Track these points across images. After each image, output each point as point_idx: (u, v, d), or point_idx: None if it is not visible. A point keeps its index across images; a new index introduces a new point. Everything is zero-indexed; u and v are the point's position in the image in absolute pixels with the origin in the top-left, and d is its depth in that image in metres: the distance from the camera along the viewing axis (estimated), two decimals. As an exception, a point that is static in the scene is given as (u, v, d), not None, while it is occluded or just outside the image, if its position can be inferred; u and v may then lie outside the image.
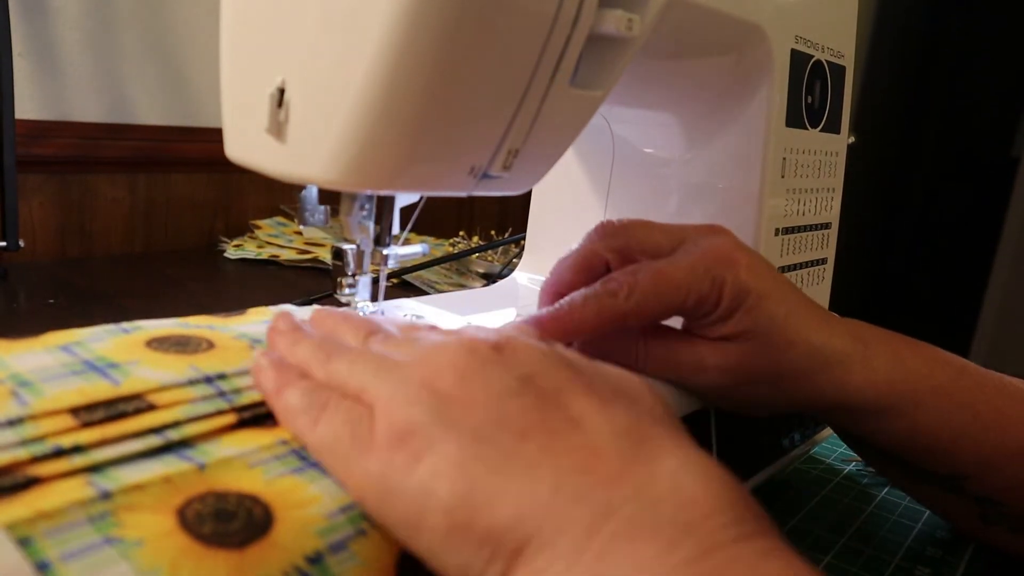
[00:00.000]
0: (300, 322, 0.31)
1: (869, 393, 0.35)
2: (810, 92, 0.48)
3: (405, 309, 0.42)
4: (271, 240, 0.92)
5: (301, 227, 0.82)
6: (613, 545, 0.21)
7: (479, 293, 0.55)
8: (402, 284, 0.80)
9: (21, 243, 0.73)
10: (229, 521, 0.22)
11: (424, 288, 0.78)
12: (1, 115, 0.70)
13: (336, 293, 0.38)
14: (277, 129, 0.29)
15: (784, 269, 0.49)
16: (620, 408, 0.25)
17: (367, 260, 0.37)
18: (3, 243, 0.72)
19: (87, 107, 0.85)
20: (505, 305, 0.50)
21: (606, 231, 0.37)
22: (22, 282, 0.73)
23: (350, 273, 0.37)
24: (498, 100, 0.29)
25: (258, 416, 0.27)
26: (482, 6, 0.26)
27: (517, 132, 0.31)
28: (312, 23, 0.28)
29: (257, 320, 0.36)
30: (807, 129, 0.48)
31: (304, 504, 0.23)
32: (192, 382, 0.28)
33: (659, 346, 0.36)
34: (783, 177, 0.46)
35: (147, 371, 0.28)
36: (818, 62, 0.48)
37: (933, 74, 3.20)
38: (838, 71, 0.50)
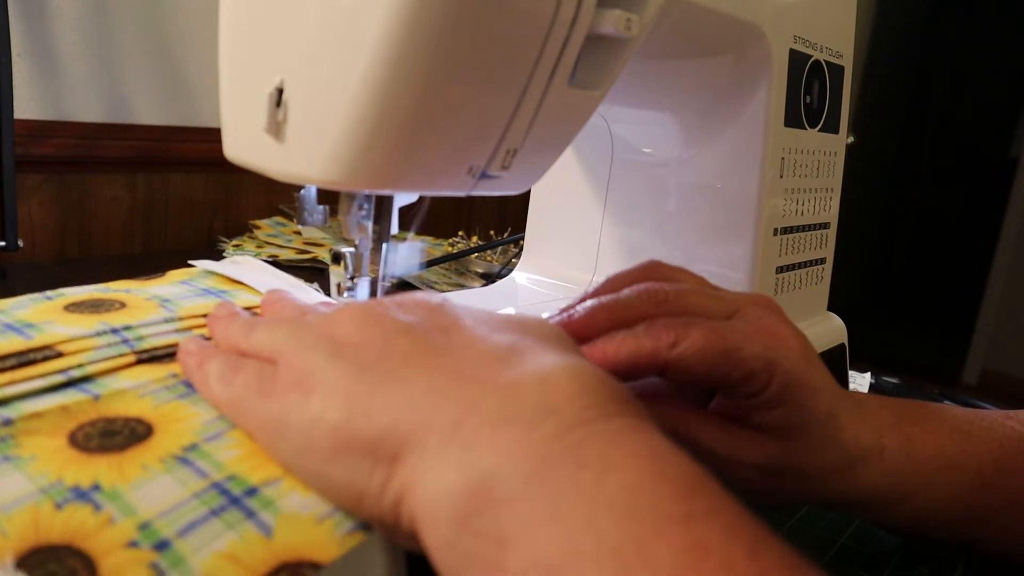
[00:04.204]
0: (238, 309, 0.33)
1: (882, 486, 0.34)
2: (809, 92, 0.48)
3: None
4: (270, 240, 0.92)
5: (300, 227, 0.82)
6: (478, 434, 0.22)
7: (478, 293, 0.55)
8: (401, 284, 0.80)
9: (20, 243, 0.73)
10: (114, 436, 0.25)
11: (422, 288, 0.78)
12: (0, 115, 0.70)
13: (335, 295, 0.38)
14: (276, 129, 0.29)
15: (783, 269, 0.49)
16: (504, 334, 0.26)
17: (366, 262, 0.37)
18: (2, 243, 0.72)
19: (86, 107, 0.85)
20: (504, 305, 0.50)
21: (655, 299, 0.32)
22: (21, 282, 0.73)
23: (349, 276, 0.37)
24: (496, 100, 0.29)
25: (156, 356, 0.30)
26: (480, 6, 0.26)
27: (516, 132, 0.31)
28: (311, 23, 0.28)
29: (175, 281, 0.38)
30: (806, 129, 0.48)
31: (184, 419, 0.26)
32: (99, 333, 0.30)
33: (700, 433, 0.32)
34: (782, 177, 0.46)
35: (59, 328, 0.30)
36: (817, 62, 0.48)
37: (932, 74, 3.21)
38: (837, 71, 0.50)
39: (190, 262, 0.42)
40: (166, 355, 0.31)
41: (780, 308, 0.35)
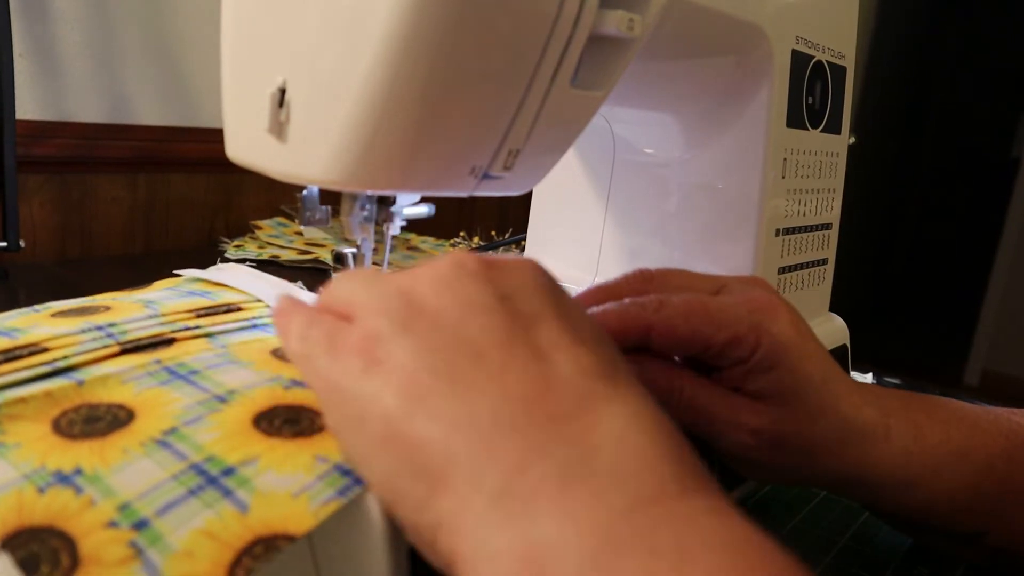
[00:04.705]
0: (300, 295, 0.32)
1: (888, 468, 0.34)
2: (811, 93, 0.48)
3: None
4: (272, 240, 0.92)
5: (302, 227, 0.82)
6: (541, 488, 0.20)
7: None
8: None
9: (21, 243, 0.73)
10: (96, 422, 0.25)
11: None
12: (1, 115, 0.70)
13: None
14: (278, 129, 0.29)
15: (785, 270, 0.49)
16: (590, 347, 0.24)
17: (368, 263, 0.37)
18: (3, 243, 0.72)
19: (87, 107, 0.85)
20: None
21: (642, 277, 0.35)
22: (22, 282, 0.73)
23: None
24: (499, 100, 0.29)
25: (140, 346, 0.31)
26: (483, 6, 0.26)
27: (518, 132, 0.31)
28: (313, 23, 0.28)
29: (160, 288, 0.39)
30: (808, 130, 0.48)
31: (166, 404, 0.27)
32: (84, 331, 0.31)
33: (697, 394, 0.33)
34: (784, 178, 0.46)
35: (45, 328, 0.31)
36: (819, 63, 0.48)
37: (933, 74, 3.20)
38: (839, 72, 0.50)
39: (175, 272, 0.43)
40: (149, 344, 0.31)
41: (770, 285, 0.35)
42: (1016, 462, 0.34)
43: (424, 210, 0.38)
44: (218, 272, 0.42)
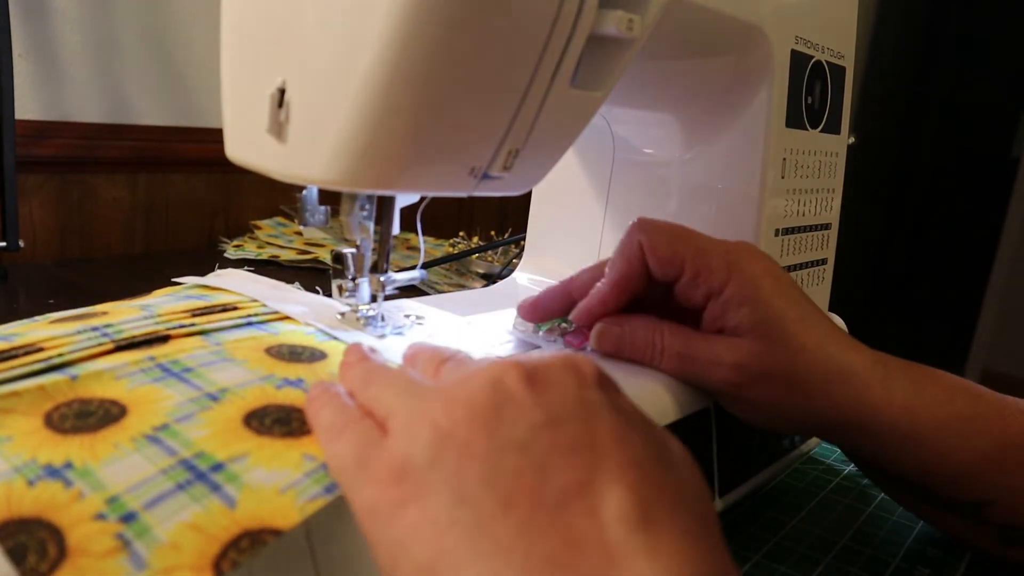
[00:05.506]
0: (370, 350, 0.31)
1: (887, 414, 0.34)
2: (810, 93, 0.48)
3: (405, 310, 0.42)
4: (271, 240, 0.92)
5: (301, 227, 0.82)
6: None
7: (479, 294, 0.55)
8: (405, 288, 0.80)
9: (21, 243, 0.73)
10: (88, 417, 0.26)
11: (424, 289, 0.78)
12: (1, 115, 0.70)
13: (336, 297, 0.38)
14: (277, 129, 0.29)
15: (785, 270, 0.49)
16: (634, 478, 0.22)
17: (367, 263, 0.37)
18: (3, 243, 0.72)
19: (87, 107, 0.85)
20: (505, 305, 0.50)
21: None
22: (22, 282, 0.73)
23: (350, 277, 0.37)
24: (499, 100, 0.29)
25: (134, 344, 0.31)
26: (483, 6, 0.26)
27: (517, 133, 0.31)
28: (312, 23, 0.28)
29: (159, 295, 0.39)
30: (807, 130, 0.48)
31: (158, 401, 0.27)
32: (80, 331, 0.31)
33: (677, 341, 0.36)
34: (783, 178, 0.46)
35: (42, 331, 0.31)
36: (818, 63, 0.48)
37: (933, 74, 3.20)
38: (838, 72, 0.50)
39: (174, 280, 0.43)
40: (144, 342, 0.31)
41: (758, 249, 0.38)
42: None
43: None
44: (217, 278, 0.42)
